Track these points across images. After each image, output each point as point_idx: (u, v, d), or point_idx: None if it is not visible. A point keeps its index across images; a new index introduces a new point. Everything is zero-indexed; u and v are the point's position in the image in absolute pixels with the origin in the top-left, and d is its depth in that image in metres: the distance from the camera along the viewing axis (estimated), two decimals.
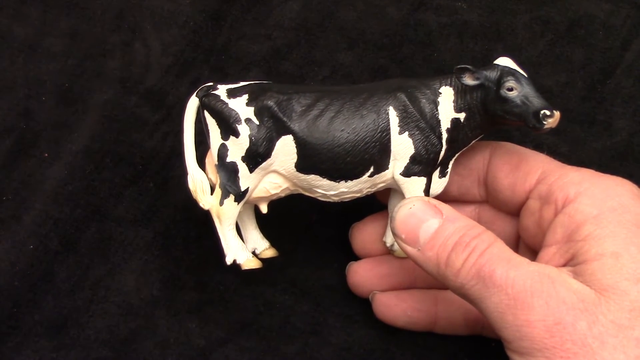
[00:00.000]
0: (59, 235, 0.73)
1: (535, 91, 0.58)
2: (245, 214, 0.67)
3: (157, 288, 0.74)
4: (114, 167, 0.74)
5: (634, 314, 0.50)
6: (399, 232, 0.58)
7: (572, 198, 0.57)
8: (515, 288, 0.52)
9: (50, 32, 0.75)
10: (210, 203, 0.63)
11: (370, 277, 0.71)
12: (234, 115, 0.60)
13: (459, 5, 0.74)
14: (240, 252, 0.64)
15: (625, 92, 0.73)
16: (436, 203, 0.58)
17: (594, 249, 0.53)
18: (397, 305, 0.70)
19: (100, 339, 0.72)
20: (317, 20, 0.75)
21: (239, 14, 0.75)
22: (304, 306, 0.74)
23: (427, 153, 0.61)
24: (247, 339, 0.73)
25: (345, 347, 0.73)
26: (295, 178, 0.62)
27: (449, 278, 0.55)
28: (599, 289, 0.51)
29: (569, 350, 0.49)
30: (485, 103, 0.59)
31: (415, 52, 0.74)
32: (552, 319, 0.50)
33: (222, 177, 0.62)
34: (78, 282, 0.73)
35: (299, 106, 0.60)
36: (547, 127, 0.57)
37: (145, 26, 0.75)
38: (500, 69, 0.59)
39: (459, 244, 0.55)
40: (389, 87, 0.61)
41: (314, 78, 0.75)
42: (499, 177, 0.64)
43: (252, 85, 0.62)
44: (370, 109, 0.60)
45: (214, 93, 0.61)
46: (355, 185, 0.62)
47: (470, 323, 0.69)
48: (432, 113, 0.60)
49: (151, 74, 0.75)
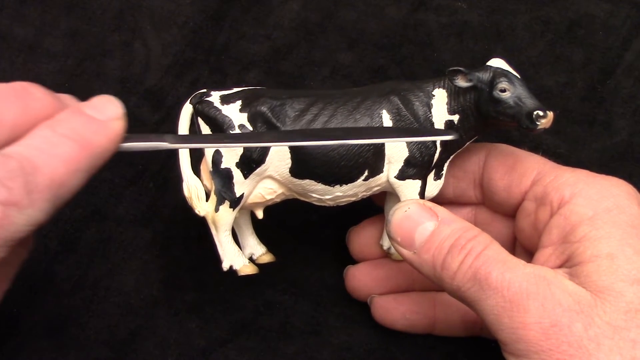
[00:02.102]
0: (59, 235, 0.73)
1: (528, 92, 0.58)
2: (242, 220, 0.67)
3: (157, 288, 0.74)
4: (114, 167, 0.74)
5: (630, 316, 0.50)
6: (394, 235, 0.57)
7: (568, 199, 0.57)
8: (511, 290, 0.51)
9: (50, 32, 0.75)
10: (205, 210, 0.63)
11: (368, 280, 0.71)
12: (227, 121, 0.60)
13: (459, 5, 0.73)
14: (237, 258, 0.64)
15: (625, 92, 0.72)
16: (431, 205, 0.57)
17: (589, 251, 0.53)
18: (395, 309, 0.70)
19: (100, 339, 0.72)
20: (317, 20, 0.75)
21: (239, 14, 0.75)
22: (304, 306, 0.74)
23: (422, 155, 0.60)
24: (247, 339, 0.73)
25: (345, 347, 0.73)
26: (290, 183, 0.62)
27: (445, 281, 0.55)
28: (595, 291, 0.51)
29: (565, 352, 0.49)
30: (478, 105, 0.59)
31: (415, 52, 0.74)
32: (548, 321, 0.50)
33: (217, 183, 0.62)
34: (78, 282, 0.73)
35: (292, 111, 0.60)
36: (541, 128, 0.57)
37: (145, 26, 0.75)
38: (492, 70, 0.59)
39: (454, 247, 0.54)
40: (382, 90, 0.61)
41: (314, 78, 0.75)
42: (495, 178, 0.64)
43: (245, 91, 0.62)
44: (363, 113, 0.60)
45: (207, 100, 0.61)
46: (350, 189, 0.62)
47: (468, 325, 0.69)
48: (425, 115, 0.60)
49: (151, 74, 0.75)
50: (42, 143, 0.44)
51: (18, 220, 0.42)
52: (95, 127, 0.46)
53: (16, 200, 0.41)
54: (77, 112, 0.47)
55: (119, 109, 0.48)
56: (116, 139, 0.47)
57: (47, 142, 0.44)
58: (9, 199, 0.41)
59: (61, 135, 0.44)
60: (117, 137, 0.48)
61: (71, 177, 0.44)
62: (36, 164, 0.43)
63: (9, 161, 0.42)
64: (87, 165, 0.45)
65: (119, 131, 0.48)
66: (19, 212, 0.42)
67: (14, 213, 0.41)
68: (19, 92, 0.45)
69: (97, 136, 0.46)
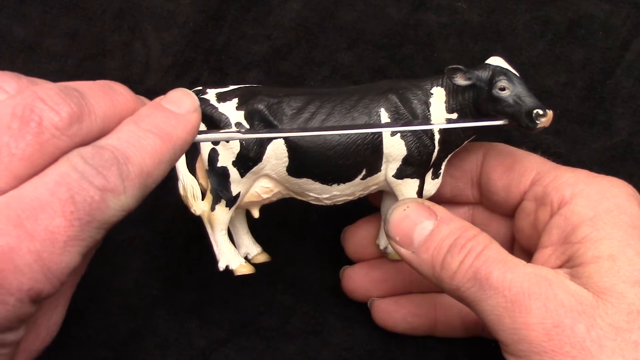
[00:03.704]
0: None
1: (527, 90, 0.58)
2: (237, 219, 0.67)
3: (157, 288, 0.74)
4: None
5: (632, 317, 0.50)
6: (393, 235, 0.57)
7: (568, 199, 0.57)
8: (512, 290, 0.51)
9: (50, 32, 0.75)
10: (201, 209, 0.63)
11: (365, 282, 0.70)
12: (224, 119, 0.60)
13: (459, 5, 0.73)
14: (233, 258, 0.64)
15: (625, 92, 0.72)
16: (430, 205, 0.57)
17: (590, 252, 0.53)
18: (396, 312, 0.70)
19: (100, 339, 0.72)
20: (317, 20, 0.75)
21: (239, 14, 0.75)
22: (304, 306, 0.74)
23: (420, 154, 0.60)
24: (247, 339, 0.73)
25: (345, 347, 0.73)
26: (287, 182, 0.62)
27: (445, 281, 0.55)
28: (596, 292, 0.51)
29: (568, 353, 0.49)
30: (477, 103, 0.59)
31: (415, 52, 0.74)
32: (550, 321, 0.50)
33: (213, 182, 0.61)
34: (78, 282, 0.73)
35: (289, 109, 0.60)
36: (540, 127, 0.57)
37: (145, 26, 0.75)
38: (492, 69, 0.59)
39: (454, 246, 0.54)
40: (380, 88, 0.61)
41: (314, 78, 0.75)
42: (493, 178, 0.64)
43: (242, 89, 0.61)
44: (361, 111, 0.60)
45: (203, 97, 0.61)
46: (347, 188, 0.61)
47: (469, 326, 0.69)
48: (423, 114, 0.60)
49: (151, 74, 0.75)
50: (130, 137, 0.47)
51: (114, 205, 0.45)
52: (175, 121, 0.50)
53: (112, 187, 0.45)
54: (158, 107, 0.50)
55: (195, 101, 0.51)
56: (193, 130, 0.51)
57: (135, 136, 0.47)
58: (106, 186, 0.44)
59: (146, 130, 0.48)
60: (195, 129, 0.51)
61: (157, 168, 0.48)
62: (128, 155, 0.46)
63: (104, 152, 0.45)
64: (169, 156, 0.49)
65: (196, 123, 0.51)
66: (115, 197, 0.45)
67: (110, 198, 0.45)
68: (105, 88, 0.49)
69: (176, 129, 0.49)
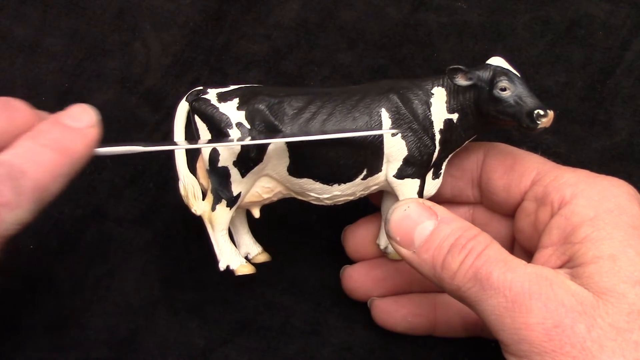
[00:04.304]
0: (59, 235, 0.73)
1: (528, 91, 0.58)
2: (237, 219, 0.66)
3: (157, 288, 0.74)
4: (114, 167, 0.74)
5: (632, 317, 0.50)
6: (393, 235, 0.57)
7: (568, 200, 0.57)
8: (513, 290, 0.51)
9: (50, 32, 0.75)
10: (202, 209, 0.63)
11: (365, 281, 0.70)
12: (224, 119, 0.60)
13: (459, 5, 0.73)
14: (234, 258, 0.64)
15: (625, 92, 0.72)
16: (431, 204, 0.57)
17: (591, 252, 0.53)
18: (396, 311, 0.70)
19: (100, 339, 0.72)
20: (317, 20, 0.75)
21: (239, 14, 0.75)
22: (304, 306, 0.74)
23: (421, 154, 0.60)
24: (247, 339, 0.73)
25: (346, 347, 0.73)
26: (287, 182, 0.62)
27: (445, 280, 0.55)
28: (597, 292, 0.51)
29: (568, 353, 0.49)
30: (478, 103, 0.59)
31: (415, 52, 0.74)
32: (550, 321, 0.50)
33: (214, 182, 0.61)
34: (78, 282, 0.73)
35: (290, 109, 0.59)
36: (541, 127, 0.57)
37: (145, 26, 0.75)
38: (492, 69, 0.58)
39: (455, 246, 0.54)
40: (380, 88, 0.61)
41: (314, 78, 0.75)
42: (494, 178, 0.64)
43: (242, 89, 0.61)
44: (362, 111, 0.60)
45: (204, 97, 0.61)
46: (348, 188, 0.61)
47: (469, 326, 0.69)
48: (424, 114, 0.60)
49: (151, 74, 0.75)
50: (27, 152, 0.49)
51: (9, 219, 0.47)
52: (72, 136, 0.51)
53: (6, 202, 0.46)
54: (56, 123, 0.51)
55: (93, 117, 0.53)
56: (92, 144, 0.52)
57: (31, 151, 0.49)
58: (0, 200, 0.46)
59: (43, 145, 0.49)
60: (93, 143, 0.52)
61: (53, 181, 0.49)
62: (23, 170, 0.47)
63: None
64: (67, 170, 0.50)
65: (94, 137, 0.52)
66: (10, 211, 0.47)
67: (4, 212, 0.46)
68: (2, 104, 0.50)
69: (74, 144, 0.51)
